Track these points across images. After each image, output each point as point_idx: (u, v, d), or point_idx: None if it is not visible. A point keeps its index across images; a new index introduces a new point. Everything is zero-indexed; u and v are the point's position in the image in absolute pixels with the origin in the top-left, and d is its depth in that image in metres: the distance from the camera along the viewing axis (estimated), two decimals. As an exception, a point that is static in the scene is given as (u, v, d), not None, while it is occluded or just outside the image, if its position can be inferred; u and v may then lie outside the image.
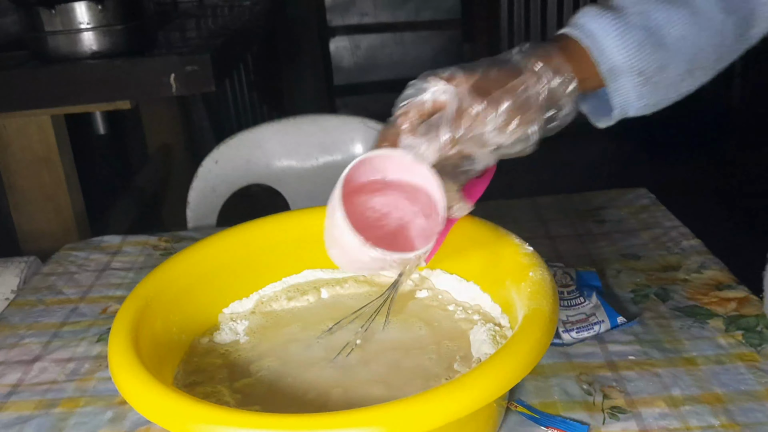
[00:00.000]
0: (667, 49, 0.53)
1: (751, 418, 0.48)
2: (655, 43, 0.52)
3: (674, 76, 0.54)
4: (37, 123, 1.03)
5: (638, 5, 0.53)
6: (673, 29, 0.53)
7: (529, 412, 0.49)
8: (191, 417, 0.38)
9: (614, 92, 0.54)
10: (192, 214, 1.01)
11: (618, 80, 0.53)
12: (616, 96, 0.54)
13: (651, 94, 0.54)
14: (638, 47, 0.52)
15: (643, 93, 0.54)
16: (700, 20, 0.54)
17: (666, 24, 0.53)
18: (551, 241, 0.74)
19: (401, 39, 2.87)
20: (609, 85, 0.53)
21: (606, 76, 0.52)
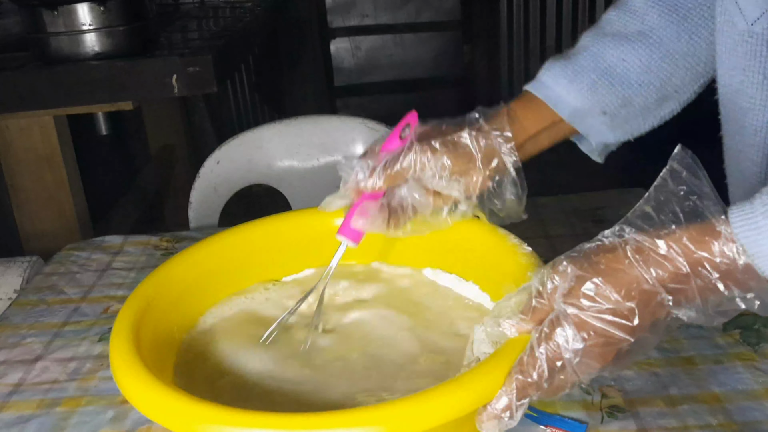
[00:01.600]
0: (628, 84, 0.54)
1: (748, 417, 0.48)
2: (610, 81, 0.54)
3: (644, 106, 0.56)
4: (39, 123, 1.03)
5: (592, 47, 0.55)
6: (629, 65, 0.55)
7: (528, 411, 0.50)
8: (192, 416, 0.38)
9: (587, 132, 0.56)
10: (194, 214, 1.01)
11: (584, 121, 0.55)
12: (591, 134, 0.56)
13: (624, 125, 0.56)
14: (591, 89, 0.54)
15: (616, 126, 0.56)
16: (662, 49, 0.55)
17: (620, 61, 0.54)
18: (550, 241, 0.75)
19: (401, 40, 2.87)
20: (578, 127, 0.55)
21: (571, 120, 0.55)
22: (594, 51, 0.55)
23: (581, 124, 0.55)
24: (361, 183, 0.50)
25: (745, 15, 0.51)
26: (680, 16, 0.55)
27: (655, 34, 0.55)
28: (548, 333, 0.38)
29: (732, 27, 0.52)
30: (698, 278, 0.37)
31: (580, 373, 0.38)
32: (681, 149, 0.39)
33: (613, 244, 0.39)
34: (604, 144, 0.58)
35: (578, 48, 0.56)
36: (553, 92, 0.54)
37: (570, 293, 0.38)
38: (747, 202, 0.37)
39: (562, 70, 0.55)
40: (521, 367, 0.39)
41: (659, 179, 0.39)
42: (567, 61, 0.55)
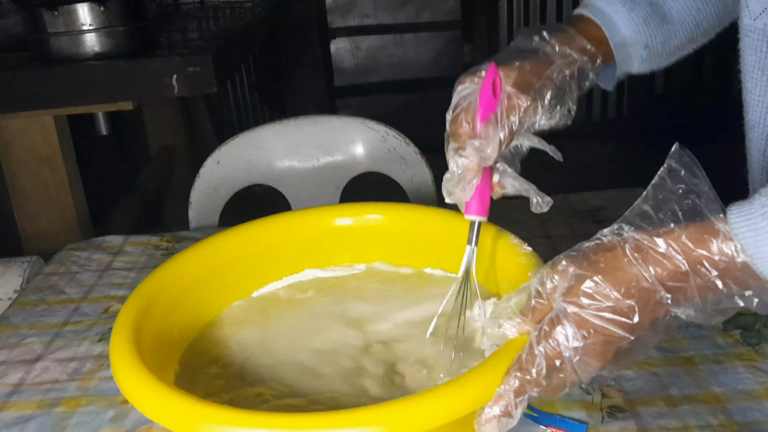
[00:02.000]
0: (672, 22, 0.56)
1: (749, 418, 0.48)
2: (660, 17, 0.55)
3: (677, 45, 0.57)
4: (39, 124, 1.03)
5: None
6: (675, 3, 0.56)
7: (528, 411, 0.50)
8: (193, 416, 0.38)
9: (622, 61, 0.56)
10: (194, 214, 1.01)
11: (626, 51, 0.55)
12: (624, 65, 0.56)
13: (653, 60, 0.57)
14: (644, 22, 0.54)
15: (647, 61, 0.57)
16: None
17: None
18: (550, 241, 0.75)
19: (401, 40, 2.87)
20: (617, 55, 0.55)
21: (615, 49, 0.55)
22: None
23: (622, 53, 0.55)
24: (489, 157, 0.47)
25: (750, 9, 0.51)
26: None
27: None
28: (548, 331, 0.38)
29: (741, 20, 0.53)
30: (697, 276, 0.37)
31: (579, 371, 0.38)
32: (678, 148, 0.39)
33: (612, 242, 0.39)
34: (626, 75, 0.58)
35: None
36: (609, 18, 0.54)
37: (569, 292, 0.38)
38: (746, 203, 0.37)
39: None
40: (520, 364, 0.39)
41: (657, 178, 0.39)
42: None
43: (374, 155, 1.02)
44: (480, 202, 0.49)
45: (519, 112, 0.48)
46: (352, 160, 1.03)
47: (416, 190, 0.99)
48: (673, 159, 0.38)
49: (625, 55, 0.56)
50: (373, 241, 0.61)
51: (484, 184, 0.49)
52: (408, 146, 1.00)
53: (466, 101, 0.48)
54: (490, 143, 0.47)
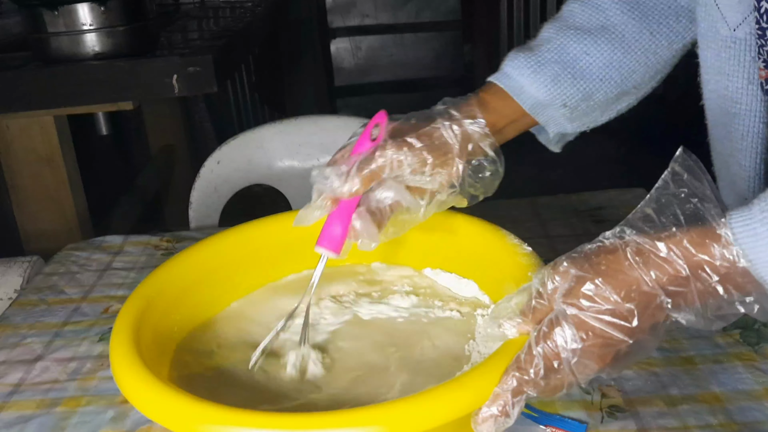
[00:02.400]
0: (590, 78, 0.55)
1: (749, 418, 0.48)
2: (572, 75, 0.54)
3: (604, 100, 0.56)
4: (40, 123, 1.03)
5: (556, 40, 0.55)
6: (592, 59, 0.55)
7: (528, 411, 0.50)
8: (193, 416, 0.38)
9: (546, 123, 0.56)
10: (194, 214, 1.01)
11: (545, 113, 0.55)
12: (551, 126, 0.57)
13: (583, 118, 0.57)
14: (553, 81, 0.54)
15: (575, 118, 0.56)
16: (624, 45, 0.55)
17: (583, 55, 0.55)
18: (550, 241, 0.75)
19: (401, 40, 2.87)
20: (538, 118, 0.56)
21: (532, 111, 0.55)
22: (557, 43, 0.55)
23: (542, 115, 0.55)
24: (337, 189, 0.48)
25: (728, 21, 0.51)
26: (642, 13, 0.55)
27: (618, 29, 0.55)
28: (547, 332, 0.38)
29: (715, 33, 0.52)
30: (698, 281, 0.37)
31: (577, 373, 0.38)
32: (682, 151, 0.39)
33: (614, 245, 0.38)
34: (562, 134, 0.59)
35: (541, 39, 0.56)
36: (516, 83, 0.54)
37: (570, 293, 0.38)
38: (745, 208, 0.37)
39: (526, 61, 0.54)
40: (518, 364, 0.39)
41: (660, 181, 0.39)
42: (531, 52, 0.55)
43: (374, 155, 1.02)
44: (331, 236, 0.49)
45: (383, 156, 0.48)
46: (352, 160, 1.02)
47: (416, 190, 0.99)
48: (677, 162, 0.38)
49: (547, 117, 0.56)
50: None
51: (341, 221, 0.48)
52: (408, 146, 1.00)
53: (349, 142, 0.50)
54: (347, 177, 0.48)
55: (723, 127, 0.54)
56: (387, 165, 0.48)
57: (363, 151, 0.49)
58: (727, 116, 0.53)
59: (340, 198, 0.48)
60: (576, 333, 0.37)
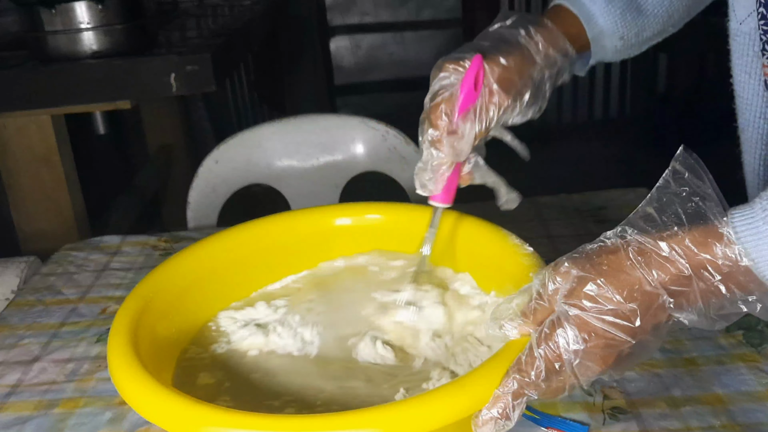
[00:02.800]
0: (646, 14, 0.57)
1: (751, 419, 0.48)
2: (636, 9, 0.56)
3: (649, 36, 0.58)
4: (37, 123, 1.03)
5: None
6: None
7: (530, 413, 0.49)
8: (191, 417, 0.38)
9: (596, 52, 0.57)
10: (192, 214, 1.00)
11: (601, 42, 0.57)
12: (598, 55, 0.58)
13: (625, 51, 0.58)
14: (622, 14, 0.56)
15: (620, 52, 0.58)
16: None
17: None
18: (551, 241, 0.74)
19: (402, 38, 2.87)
20: (594, 46, 0.57)
21: (592, 40, 0.56)
22: None
23: (597, 44, 0.56)
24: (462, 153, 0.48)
25: (737, 14, 0.51)
26: None
27: None
28: (548, 333, 0.38)
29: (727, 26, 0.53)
30: (700, 281, 0.36)
31: (579, 375, 0.38)
32: (683, 150, 0.38)
33: (615, 245, 0.38)
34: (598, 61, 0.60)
35: None
36: (587, 10, 0.55)
37: (571, 294, 0.38)
38: (747, 206, 0.37)
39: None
40: (519, 366, 0.38)
41: (662, 180, 0.38)
42: None
43: (374, 154, 1.01)
44: (446, 191, 0.51)
45: (498, 110, 0.48)
46: (352, 159, 1.02)
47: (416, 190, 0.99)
48: (678, 161, 0.38)
49: (600, 46, 0.57)
50: (372, 241, 0.61)
51: (454, 175, 0.50)
52: (408, 145, 1.00)
53: (447, 91, 0.48)
54: (465, 140, 0.48)
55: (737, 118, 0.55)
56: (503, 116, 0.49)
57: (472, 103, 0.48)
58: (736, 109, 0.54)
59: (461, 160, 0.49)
60: (578, 334, 0.37)
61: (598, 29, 0.55)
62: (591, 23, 0.55)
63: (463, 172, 0.51)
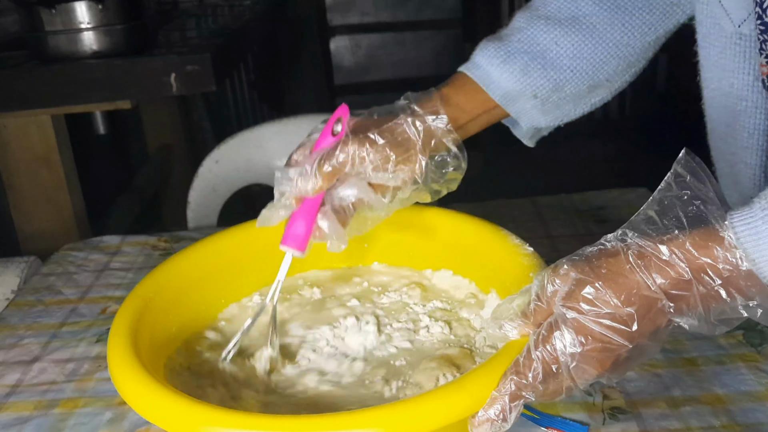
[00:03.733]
0: (560, 69, 0.54)
1: (751, 419, 0.48)
2: (542, 65, 0.54)
3: (576, 93, 0.55)
4: (37, 123, 1.02)
5: (526, 30, 0.55)
6: (562, 50, 0.54)
7: (529, 413, 0.49)
8: (190, 418, 0.38)
9: (518, 115, 0.56)
10: (192, 214, 1.00)
11: (516, 104, 0.55)
12: (522, 118, 0.56)
13: (555, 110, 0.56)
14: (523, 72, 0.54)
15: (547, 111, 0.55)
16: (595, 36, 0.55)
17: (553, 45, 0.54)
18: (551, 241, 0.74)
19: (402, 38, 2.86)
20: (509, 110, 0.55)
21: (502, 103, 0.54)
22: (528, 33, 0.54)
23: (512, 107, 0.55)
24: (301, 188, 0.47)
25: (732, 17, 0.50)
26: (614, 4, 0.55)
27: (589, 20, 0.54)
28: (546, 336, 0.38)
29: (719, 30, 0.52)
30: (700, 285, 0.36)
31: (576, 378, 0.38)
32: (685, 153, 0.38)
33: (616, 248, 0.38)
34: (535, 128, 0.58)
35: (512, 29, 0.55)
36: (485, 73, 0.54)
37: (570, 297, 0.38)
38: (746, 207, 0.36)
39: (496, 51, 0.54)
40: (517, 368, 0.38)
41: (663, 183, 0.38)
42: (500, 42, 0.55)
43: (374, 154, 1.01)
44: (295, 234, 0.48)
45: (345, 152, 0.47)
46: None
47: (416, 189, 0.99)
48: (680, 164, 0.38)
49: (518, 108, 0.55)
50: (372, 241, 0.61)
51: (302, 217, 0.48)
52: (408, 145, 1.00)
53: (309, 139, 0.50)
54: (305, 175, 0.47)
55: (727, 125, 0.54)
56: (349, 161, 0.48)
57: (325, 147, 0.48)
58: (732, 114, 0.53)
59: (303, 196, 0.48)
60: (575, 337, 0.37)
61: (502, 91, 0.54)
62: (492, 85, 0.54)
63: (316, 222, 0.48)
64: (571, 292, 0.38)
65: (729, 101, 0.53)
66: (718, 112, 0.55)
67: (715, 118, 0.56)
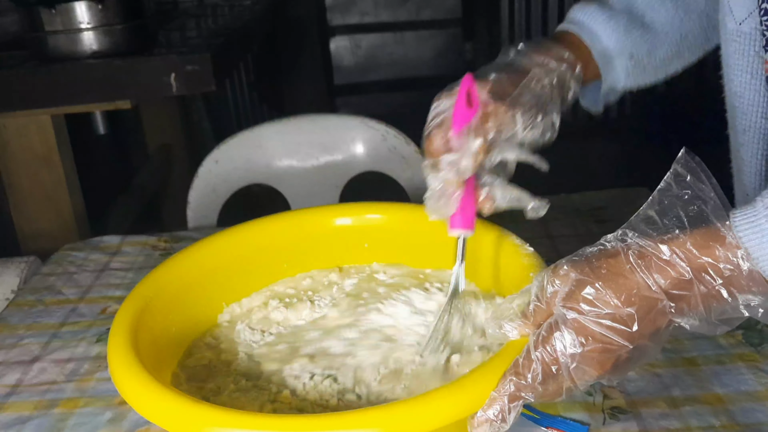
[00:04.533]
0: (655, 32, 0.56)
1: (751, 419, 0.48)
2: (642, 26, 0.55)
3: (663, 58, 0.57)
4: (37, 123, 1.03)
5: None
6: (656, 14, 0.56)
7: (530, 413, 0.49)
8: (191, 418, 0.38)
9: (607, 74, 0.56)
10: (192, 214, 1.00)
11: (610, 63, 0.55)
12: (609, 78, 0.56)
13: (640, 74, 0.57)
14: (625, 30, 0.55)
15: (635, 73, 0.57)
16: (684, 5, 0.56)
17: (649, 9, 0.56)
18: (552, 241, 0.74)
19: (402, 38, 2.87)
20: (602, 68, 0.55)
21: (600, 59, 0.55)
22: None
23: (606, 65, 0.55)
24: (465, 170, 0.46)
25: (735, 15, 0.51)
26: None
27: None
28: (545, 336, 0.38)
29: (724, 26, 0.53)
30: (701, 284, 0.36)
31: (576, 379, 0.38)
32: (685, 152, 0.38)
33: (616, 248, 0.38)
34: (613, 91, 0.58)
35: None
36: (589, 30, 0.55)
37: (570, 297, 0.38)
38: (749, 206, 0.36)
39: (599, 9, 0.55)
40: (516, 369, 0.38)
41: (663, 183, 0.38)
42: (600, 3, 0.56)
43: (374, 154, 1.01)
44: (464, 216, 0.48)
45: (495, 120, 0.47)
46: (352, 159, 1.02)
47: (416, 189, 0.99)
48: (680, 164, 0.38)
49: (610, 67, 0.55)
50: (372, 241, 0.61)
51: (468, 197, 0.48)
52: (408, 145, 1.00)
53: (440, 117, 0.48)
54: (465, 155, 0.46)
55: (731, 120, 0.55)
56: (503, 127, 0.47)
57: (467, 121, 0.47)
58: (732, 110, 0.53)
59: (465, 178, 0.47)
60: (575, 338, 0.37)
61: (602, 47, 0.54)
62: (594, 40, 0.54)
63: (480, 197, 0.48)
64: (571, 292, 0.38)
65: (730, 97, 0.54)
66: (728, 106, 0.56)
67: (729, 111, 0.56)
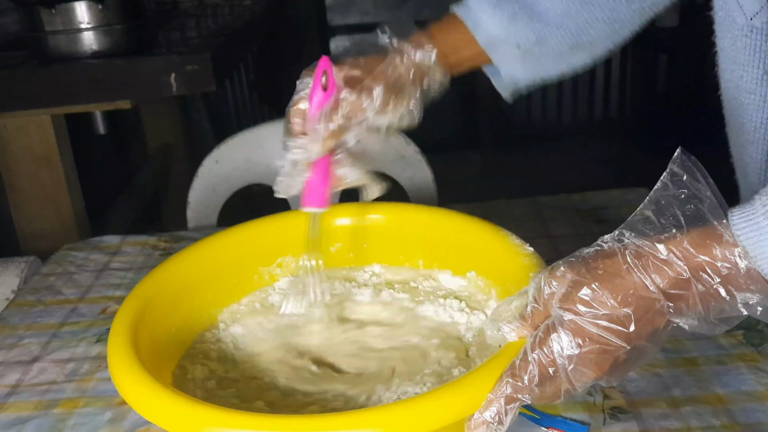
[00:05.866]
0: (546, 23, 0.55)
1: (752, 419, 0.48)
2: (529, 16, 0.55)
3: (558, 49, 0.56)
4: (37, 123, 1.03)
5: None
6: (550, 3, 0.55)
7: (530, 413, 0.49)
8: (191, 418, 0.38)
9: (499, 63, 0.56)
10: (192, 214, 1.00)
11: (498, 50, 0.56)
12: (502, 66, 0.57)
13: (535, 65, 0.57)
14: (510, 19, 0.55)
15: (527, 64, 0.56)
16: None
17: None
18: (551, 241, 0.74)
19: (402, 38, 2.86)
20: (491, 55, 0.56)
21: (486, 47, 0.56)
22: None
23: (495, 53, 0.56)
24: (313, 154, 0.50)
25: (745, 10, 0.50)
26: None
27: None
28: (542, 338, 0.38)
29: (732, 22, 0.52)
30: (699, 283, 0.36)
31: (574, 380, 0.37)
32: (681, 152, 0.38)
33: (613, 249, 0.38)
34: (515, 80, 0.59)
35: None
36: (475, 15, 0.55)
37: (566, 298, 0.37)
38: (747, 204, 0.36)
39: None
40: (513, 370, 0.38)
41: (659, 183, 0.38)
42: None
43: (374, 154, 1.01)
44: (314, 194, 0.51)
45: (345, 106, 0.49)
46: (352, 159, 1.02)
47: (416, 189, 0.99)
48: (676, 163, 0.38)
49: (501, 56, 0.56)
50: (373, 241, 0.61)
51: (319, 176, 0.51)
52: (408, 145, 1.00)
53: (300, 96, 0.51)
54: (314, 139, 0.49)
55: (737, 117, 0.54)
56: (353, 114, 0.50)
57: (323, 105, 0.50)
58: (741, 107, 0.52)
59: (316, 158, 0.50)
60: (572, 339, 0.37)
61: (488, 35, 0.55)
62: (479, 28, 0.55)
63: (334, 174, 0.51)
64: (568, 293, 0.37)
65: (738, 93, 0.52)
66: (730, 104, 0.55)
67: (729, 109, 0.56)
